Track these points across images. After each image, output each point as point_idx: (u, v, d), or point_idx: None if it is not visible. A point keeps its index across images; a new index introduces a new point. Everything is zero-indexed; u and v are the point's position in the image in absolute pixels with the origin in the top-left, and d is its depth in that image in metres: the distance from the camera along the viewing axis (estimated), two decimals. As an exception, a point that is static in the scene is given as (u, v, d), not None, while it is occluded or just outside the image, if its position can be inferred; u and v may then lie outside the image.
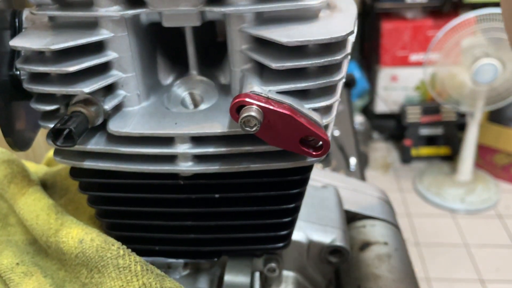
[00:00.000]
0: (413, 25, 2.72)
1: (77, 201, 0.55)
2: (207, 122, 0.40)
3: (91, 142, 0.42)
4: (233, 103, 0.35)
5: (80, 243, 0.40)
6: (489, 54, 2.19)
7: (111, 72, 0.41)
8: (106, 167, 0.42)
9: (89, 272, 0.40)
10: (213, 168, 0.41)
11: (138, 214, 0.46)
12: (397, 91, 2.87)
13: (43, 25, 0.42)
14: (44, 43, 0.38)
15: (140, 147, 0.41)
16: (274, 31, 0.37)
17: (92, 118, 0.39)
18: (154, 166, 0.42)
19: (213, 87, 0.45)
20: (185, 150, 0.40)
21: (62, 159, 0.43)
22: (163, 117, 0.41)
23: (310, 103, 0.38)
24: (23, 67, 0.39)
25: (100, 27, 0.39)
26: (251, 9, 0.37)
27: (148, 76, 0.43)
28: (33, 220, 0.45)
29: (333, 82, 0.38)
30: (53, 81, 0.40)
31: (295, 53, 0.37)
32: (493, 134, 2.66)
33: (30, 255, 0.46)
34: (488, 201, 2.56)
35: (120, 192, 0.45)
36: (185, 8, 0.39)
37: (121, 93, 0.42)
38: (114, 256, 0.39)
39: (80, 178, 0.45)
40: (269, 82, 0.38)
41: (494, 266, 2.18)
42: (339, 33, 0.36)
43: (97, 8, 0.38)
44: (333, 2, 0.42)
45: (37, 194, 0.48)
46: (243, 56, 0.40)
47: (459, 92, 2.32)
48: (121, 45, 0.40)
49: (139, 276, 0.39)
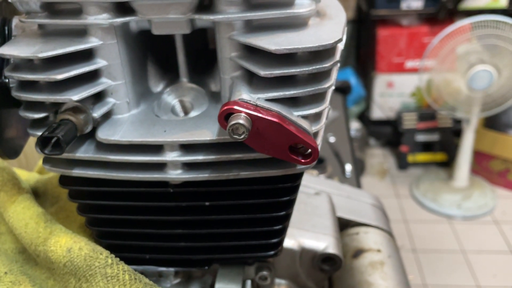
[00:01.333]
0: (408, 32, 2.73)
1: (68, 209, 0.55)
2: (196, 130, 0.40)
3: (80, 150, 0.42)
4: (221, 110, 0.35)
5: (69, 252, 0.40)
6: (484, 60, 2.20)
7: (100, 80, 0.41)
8: (95, 175, 0.42)
9: (77, 281, 0.40)
10: (202, 176, 0.41)
11: (128, 223, 0.46)
12: (393, 97, 2.88)
13: (33, 32, 0.42)
14: (33, 51, 0.38)
15: (129, 155, 0.40)
16: (263, 38, 0.37)
17: (81, 126, 0.39)
18: (144, 174, 0.41)
19: (204, 95, 0.45)
20: (174, 158, 0.40)
21: (51, 167, 0.43)
22: (152, 124, 0.41)
23: (299, 111, 0.38)
24: (12, 75, 0.39)
25: (89, 35, 0.39)
26: (240, 17, 0.37)
27: (138, 84, 0.43)
28: (22, 228, 0.45)
29: (322, 89, 0.38)
30: (42, 89, 0.40)
31: (284, 60, 0.37)
32: (489, 140, 2.67)
33: (19, 264, 0.46)
34: (484, 207, 2.56)
35: (110, 200, 0.45)
36: (175, 16, 0.38)
37: (111, 100, 0.42)
38: (102, 265, 0.39)
39: (69, 186, 0.45)
40: (258, 89, 0.38)
41: (491, 272, 2.18)
42: (327, 41, 0.36)
43: (86, 16, 0.38)
44: (322, 10, 0.42)
45: (26, 202, 0.47)
46: (232, 63, 0.39)
47: (455, 98, 2.33)
48: (111, 52, 0.40)
49: (127, 285, 0.39)
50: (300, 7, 0.38)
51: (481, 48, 2.25)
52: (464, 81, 2.25)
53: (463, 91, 2.27)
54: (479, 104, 2.32)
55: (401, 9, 2.69)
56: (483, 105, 2.33)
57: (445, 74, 2.32)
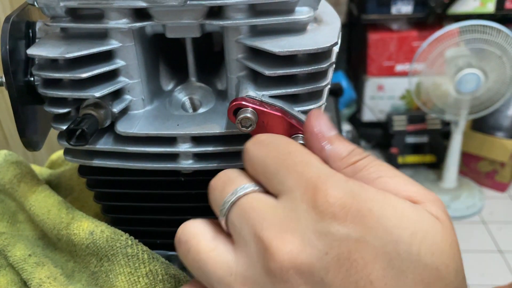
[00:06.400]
0: (398, 36, 2.79)
1: (82, 199, 0.59)
2: (206, 124, 0.44)
3: (100, 142, 0.46)
4: (231, 105, 0.40)
5: (91, 234, 0.44)
6: (472, 64, 2.26)
7: (119, 79, 0.45)
8: (113, 165, 0.46)
9: (99, 261, 0.44)
10: (212, 166, 0.45)
11: (141, 209, 0.50)
12: (383, 100, 2.93)
13: (56, 35, 0.46)
14: (59, 52, 0.42)
15: (145, 147, 0.45)
16: (267, 42, 0.41)
17: (102, 120, 0.43)
18: (158, 164, 0.46)
19: (211, 93, 0.49)
20: (186, 149, 0.44)
21: (72, 158, 0.47)
22: (166, 119, 0.45)
23: (299, 106, 0.43)
24: (40, 74, 0.43)
25: (110, 38, 0.44)
26: (247, 23, 0.42)
27: (151, 82, 0.47)
28: (44, 215, 0.49)
29: (319, 87, 0.42)
30: (66, 86, 0.44)
31: (286, 61, 0.42)
32: (476, 142, 2.72)
33: (40, 248, 0.50)
34: (472, 207, 2.62)
35: (125, 188, 0.49)
36: (187, 21, 0.43)
37: (128, 97, 0.46)
38: (123, 246, 0.43)
39: (88, 176, 0.49)
40: (263, 87, 0.42)
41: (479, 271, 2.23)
42: (325, 44, 0.41)
43: (107, 20, 0.43)
44: (319, 17, 0.47)
45: (46, 192, 0.51)
46: (239, 64, 0.44)
47: (443, 101, 2.38)
48: (128, 54, 0.44)
49: (146, 263, 0.43)
50: (300, 14, 0.42)
51: (469, 52, 2.31)
52: (452, 84, 2.30)
53: (452, 94, 2.33)
54: (467, 106, 2.37)
55: (391, 14, 2.75)
56: (471, 107, 2.39)
57: (434, 77, 2.37)
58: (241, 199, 0.33)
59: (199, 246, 0.34)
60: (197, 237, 0.35)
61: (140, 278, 0.42)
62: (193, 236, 0.35)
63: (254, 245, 0.31)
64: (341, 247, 0.28)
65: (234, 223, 0.33)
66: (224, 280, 0.32)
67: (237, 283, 0.31)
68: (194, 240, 0.35)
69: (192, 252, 0.34)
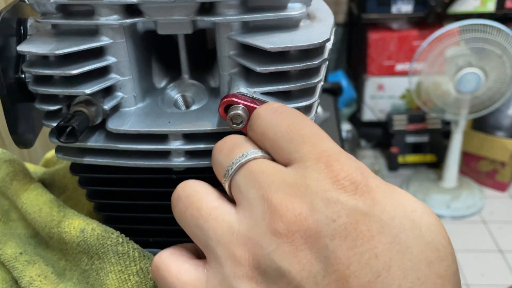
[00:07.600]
0: (398, 36, 2.79)
1: (75, 198, 0.58)
2: (198, 121, 0.44)
3: (91, 140, 0.45)
4: (222, 102, 0.39)
5: (82, 232, 0.44)
6: (472, 63, 2.26)
7: (110, 75, 0.45)
8: (104, 163, 0.46)
9: (90, 259, 0.44)
10: (203, 163, 0.45)
11: (133, 207, 0.50)
12: (383, 99, 2.93)
13: (47, 32, 0.46)
14: (49, 48, 0.42)
15: (136, 144, 0.44)
16: (259, 38, 0.41)
17: (92, 117, 0.43)
18: (149, 161, 0.45)
19: (203, 90, 0.49)
20: (178, 146, 0.44)
21: (63, 156, 0.47)
22: (157, 116, 0.45)
23: (291, 103, 0.42)
24: (30, 71, 0.43)
25: (100, 34, 0.43)
26: (238, 19, 0.41)
27: (143, 80, 0.47)
28: (35, 213, 0.48)
29: (312, 84, 0.42)
30: (57, 83, 0.44)
31: (278, 58, 0.41)
32: (477, 141, 2.72)
33: (32, 246, 0.50)
34: (473, 207, 2.62)
35: (117, 186, 0.48)
36: (179, 18, 0.42)
37: (119, 94, 0.45)
38: (114, 244, 0.43)
39: (80, 174, 0.48)
40: (254, 84, 0.42)
41: (479, 271, 2.23)
42: (317, 40, 0.40)
43: (98, 17, 0.42)
44: (312, 13, 0.46)
45: (39, 190, 0.51)
46: (230, 61, 0.43)
47: (444, 100, 2.38)
48: (120, 50, 0.44)
49: (137, 261, 0.42)
50: (292, 10, 0.42)
51: (469, 51, 2.30)
52: (452, 83, 2.30)
53: (452, 93, 2.33)
54: (467, 106, 2.37)
55: (391, 13, 2.75)
56: (471, 107, 2.39)
57: (434, 76, 2.37)
58: (250, 162, 0.34)
59: (201, 202, 0.34)
60: (200, 194, 0.35)
61: (130, 276, 0.42)
62: (196, 192, 0.35)
63: (261, 206, 0.31)
64: (349, 216, 0.28)
65: (239, 185, 0.34)
66: (224, 238, 0.32)
67: (238, 242, 0.31)
68: (197, 196, 0.35)
69: (192, 208, 0.34)
